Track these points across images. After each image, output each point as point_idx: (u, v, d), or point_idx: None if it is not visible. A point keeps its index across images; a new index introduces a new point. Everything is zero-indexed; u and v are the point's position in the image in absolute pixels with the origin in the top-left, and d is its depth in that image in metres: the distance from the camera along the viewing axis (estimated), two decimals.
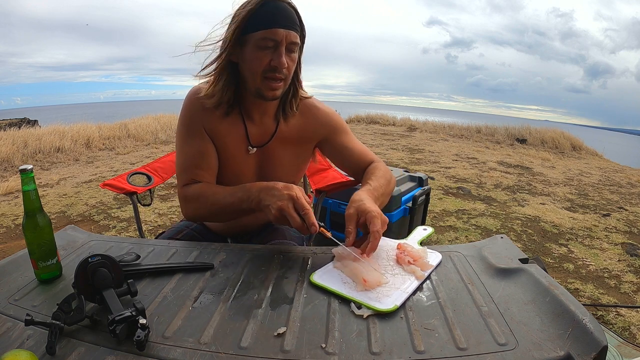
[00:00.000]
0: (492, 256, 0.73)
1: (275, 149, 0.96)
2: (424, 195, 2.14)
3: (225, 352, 0.49)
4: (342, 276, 0.67)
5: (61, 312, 0.52)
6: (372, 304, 0.58)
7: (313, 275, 0.67)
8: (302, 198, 0.75)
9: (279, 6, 0.79)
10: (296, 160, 1.02)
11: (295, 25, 0.81)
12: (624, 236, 2.87)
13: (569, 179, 4.92)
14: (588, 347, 0.48)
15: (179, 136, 0.93)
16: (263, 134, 0.95)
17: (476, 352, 0.48)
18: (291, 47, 0.82)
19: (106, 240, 0.84)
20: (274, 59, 0.80)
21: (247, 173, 0.97)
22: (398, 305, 0.58)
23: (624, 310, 1.83)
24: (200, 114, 0.89)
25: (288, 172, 1.02)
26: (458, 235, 2.77)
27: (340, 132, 1.01)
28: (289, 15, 0.80)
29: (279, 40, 0.79)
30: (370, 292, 0.61)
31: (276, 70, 0.81)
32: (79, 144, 6.05)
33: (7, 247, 2.50)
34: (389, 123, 10.70)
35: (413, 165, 5.23)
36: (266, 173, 0.98)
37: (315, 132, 0.99)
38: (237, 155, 0.94)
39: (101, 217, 3.02)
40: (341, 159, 1.03)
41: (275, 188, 0.77)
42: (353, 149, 1.02)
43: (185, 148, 0.91)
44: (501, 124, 9.32)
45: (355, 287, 0.63)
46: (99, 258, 0.58)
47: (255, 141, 0.94)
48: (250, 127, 0.93)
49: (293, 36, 0.81)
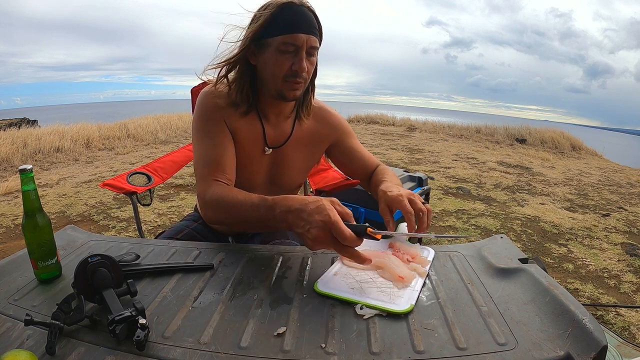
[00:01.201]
0: (492, 256, 0.73)
1: (289, 151, 0.98)
2: (423, 195, 2.14)
3: (225, 352, 0.49)
4: (347, 281, 0.65)
5: (61, 312, 0.52)
6: (387, 307, 0.57)
7: (317, 284, 0.64)
8: (337, 221, 0.62)
9: (299, 11, 0.81)
10: (307, 163, 1.04)
11: (315, 30, 0.83)
12: (623, 236, 2.87)
13: (569, 179, 4.92)
14: (588, 347, 0.48)
15: (197, 132, 0.90)
16: (279, 135, 0.96)
17: (476, 352, 0.48)
18: (311, 51, 0.84)
19: (106, 240, 0.84)
20: (295, 64, 0.82)
21: (259, 173, 0.98)
22: (414, 305, 0.57)
23: (623, 310, 1.84)
24: (221, 111, 0.89)
25: (298, 173, 1.04)
26: (458, 235, 2.77)
27: (349, 136, 1.05)
28: (309, 20, 0.82)
29: (300, 45, 0.81)
30: (383, 294, 0.60)
31: (297, 75, 0.83)
32: (79, 144, 6.04)
33: (6, 247, 2.50)
34: (388, 123, 10.70)
35: (413, 165, 5.23)
36: (278, 174, 1.00)
37: (327, 135, 1.02)
38: (253, 155, 0.94)
39: (101, 217, 3.02)
40: (349, 163, 1.06)
41: (304, 211, 0.65)
42: (361, 152, 1.05)
43: (206, 142, 0.88)
44: (501, 124, 9.33)
45: (363, 291, 0.61)
46: (98, 258, 0.58)
47: (271, 142, 0.95)
48: (267, 127, 0.94)
49: (313, 41, 0.82)
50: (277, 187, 1.01)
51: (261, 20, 0.81)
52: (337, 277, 0.66)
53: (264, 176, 0.99)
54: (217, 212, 0.82)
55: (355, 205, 2.02)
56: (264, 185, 1.00)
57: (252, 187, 0.97)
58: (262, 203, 0.73)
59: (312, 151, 1.02)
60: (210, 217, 0.86)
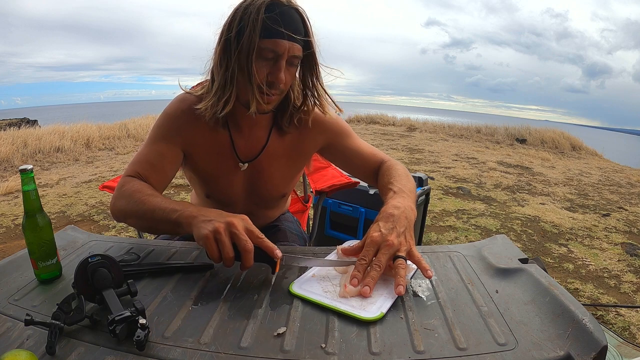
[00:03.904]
0: (492, 256, 0.73)
1: (266, 163, 0.90)
2: (423, 195, 2.14)
3: (225, 352, 0.49)
4: (322, 284, 0.64)
5: (61, 312, 0.52)
6: (356, 313, 0.55)
7: (292, 285, 0.63)
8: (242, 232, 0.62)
9: (285, 12, 0.71)
10: (289, 173, 0.95)
11: (301, 36, 0.73)
12: (623, 236, 2.87)
13: (569, 179, 4.92)
14: (588, 347, 0.48)
15: (149, 134, 0.86)
16: (252, 147, 0.88)
17: (476, 352, 0.48)
18: (292, 60, 0.75)
19: (106, 240, 0.84)
20: (272, 73, 0.73)
21: (236, 185, 0.91)
22: (384, 312, 0.56)
23: (623, 310, 1.84)
24: (183, 124, 0.83)
25: (280, 184, 0.96)
26: (458, 235, 2.77)
27: (342, 136, 0.94)
28: (295, 25, 0.72)
29: (281, 53, 0.72)
30: (354, 300, 0.59)
31: (273, 85, 0.75)
32: (79, 144, 6.05)
33: (6, 247, 2.50)
34: (388, 123, 10.71)
35: (413, 165, 5.23)
36: (257, 187, 0.93)
37: (313, 142, 0.92)
38: (224, 170, 0.88)
39: (101, 217, 3.02)
40: (347, 163, 0.97)
41: (214, 212, 0.66)
42: (359, 151, 0.95)
43: (150, 145, 0.84)
44: (501, 124, 9.34)
45: (337, 295, 0.60)
46: (98, 258, 0.58)
47: (243, 155, 0.88)
48: (238, 140, 0.87)
49: (296, 49, 0.74)
50: (257, 199, 0.95)
51: (244, 22, 0.71)
52: (313, 280, 0.65)
53: (242, 190, 0.92)
54: (127, 204, 0.76)
55: (355, 205, 2.02)
56: (243, 197, 0.94)
57: (230, 199, 0.92)
58: (179, 202, 0.72)
59: (295, 160, 0.93)
60: (118, 208, 0.78)
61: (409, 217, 0.70)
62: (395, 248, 0.64)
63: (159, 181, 0.83)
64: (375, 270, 0.62)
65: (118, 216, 0.79)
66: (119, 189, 0.79)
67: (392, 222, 0.67)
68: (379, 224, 0.68)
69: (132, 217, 0.77)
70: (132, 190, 0.76)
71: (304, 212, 1.44)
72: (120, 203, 0.77)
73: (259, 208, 0.95)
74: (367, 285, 0.60)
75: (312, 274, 0.67)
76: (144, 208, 0.73)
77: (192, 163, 0.89)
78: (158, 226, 0.74)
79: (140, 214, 0.74)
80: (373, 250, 0.64)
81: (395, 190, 0.77)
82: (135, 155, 0.85)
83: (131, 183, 0.78)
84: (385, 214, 0.69)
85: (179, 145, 0.84)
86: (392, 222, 0.67)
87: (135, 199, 0.74)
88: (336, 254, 0.72)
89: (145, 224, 0.77)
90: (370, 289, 0.59)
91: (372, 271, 0.62)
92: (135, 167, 0.82)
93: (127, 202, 0.76)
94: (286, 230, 1.04)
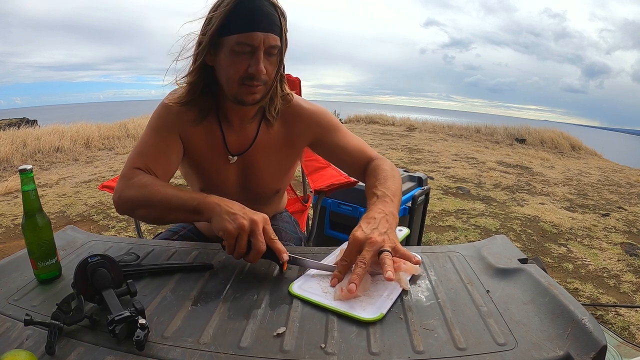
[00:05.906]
0: (492, 256, 0.73)
1: (257, 156, 0.90)
2: (423, 195, 2.14)
3: (225, 352, 0.49)
4: (322, 285, 0.64)
5: (60, 312, 0.52)
6: (355, 313, 0.55)
7: (292, 285, 0.64)
8: (261, 230, 0.67)
9: (256, 6, 0.72)
10: (281, 166, 0.96)
11: (275, 27, 0.75)
12: (623, 236, 2.87)
13: (568, 179, 4.93)
14: (587, 346, 0.48)
15: (149, 123, 0.86)
16: (242, 140, 0.89)
17: (475, 352, 0.48)
18: (270, 50, 0.76)
19: (105, 240, 0.84)
20: (251, 66, 0.74)
21: (229, 180, 0.92)
22: (384, 313, 0.56)
23: (623, 310, 1.84)
24: (175, 119, 0.84)
25: (272, 178, 0.96)
26: (457, 235, 2.77)
27: (330, 130, 0.93)
28: (268, 16, 0.73)
29: (257, 45, 0.73)
30: (354, 300, 0.59)
31: (254, 77, 0.76)
32: (78, 144, 6.04)
33: (6, 247, 2.50)
34: (388, 123, 10.70)
35: (412, 165, 5.23)
36: (249, 180, 0.93)
37: (302, 134, 0.92)
38: (216, 164, 0.89)
39: (100, 217, 3.02)
40: (336, 158, 0.97)
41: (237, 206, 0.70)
42: (347, 146, 0.94)
43: (153, 136, 0.84)
44: (500, 124, 9.34)
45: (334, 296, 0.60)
46: (98, 258, 0.58)
47: (234, 149, 0.89)
48: (229, 133, 0.88)
49: (272, 39, 0.74)
50: (250, 194, 0.95)
51: (216, 18, 0.73)
52: (313, 280, 0.66)
53: (235, 185, 0.93)
54: (137, 194, 0.77)
55: (354, 205, 2.01)
56: (236, 192, 0.93)
57: (223, 195, 0.91)
58: (189, 194, 0.74)
59: (286, 154, 0.94)
60: (125, 198, 0.79)
61: (390, 221, 0.71)
62: (379, 245, 0.65)
63: (165, 172, 0.84)
64: (360, 267, 0.62)
65: (125, 207, 0.80)
66: (127, 180, 0.79)
67: (374, 223, 0.69)
68: (360, 225, 0.69)
69: (142, 207, 0.77)
70: (143, 181, 0.78)
71: (303, 212, 1.44)
72: (129, 193, 0.78)
73: (252, 205, 0.96)
74: (353, 282, 0.59)
75: (313, 274, 0.67)
76: (159, 197, 0.75)
77: (187, 157, 0.90)
78: (171, 215, 0.76)
79: (154, 202, 0.75)
80: (356, 250, 0.66)
81: (378, 194, 0.79)
82: (138, 144, 0.85)
83: (141, 175, 0.80)
84: (367, 218, 0.71)
85: (179, 135, 0.86)
86: (374, 224, 0.69)
87: (148, 189, 0.76)
88: (338, 253, 0.72)
89: (155, 214, 0.78)
90: (356, 286, 0.59)
91: (357, 268, 0.62)
92: (142, 159, 0.82)
93: (137, 192, 0.77)
94: (282, 231, 1.04)
